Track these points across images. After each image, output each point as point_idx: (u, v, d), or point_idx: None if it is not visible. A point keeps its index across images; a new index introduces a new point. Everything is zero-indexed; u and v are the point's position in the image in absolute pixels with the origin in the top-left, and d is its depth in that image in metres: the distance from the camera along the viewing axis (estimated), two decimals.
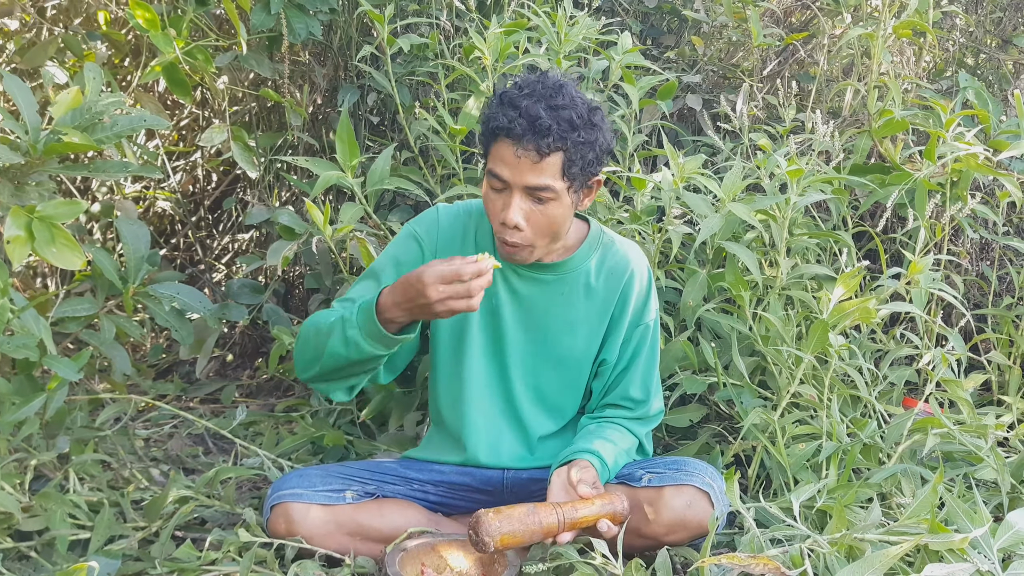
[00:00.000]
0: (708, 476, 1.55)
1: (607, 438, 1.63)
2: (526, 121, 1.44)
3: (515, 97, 1.47)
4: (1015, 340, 2.24)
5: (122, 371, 1.97)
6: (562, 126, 1.45)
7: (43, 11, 2.69)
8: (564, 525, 1.43)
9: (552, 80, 1.50)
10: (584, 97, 1.52)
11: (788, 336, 1.84)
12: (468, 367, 1.69)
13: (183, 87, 2.24)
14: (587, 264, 1.67)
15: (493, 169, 1.50)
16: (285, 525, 1.57)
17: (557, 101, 1.46)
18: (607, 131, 1.54)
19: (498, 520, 1.40)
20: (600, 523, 1.45)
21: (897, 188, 2.13)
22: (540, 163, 1.46)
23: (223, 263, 3.08)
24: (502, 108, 1.47)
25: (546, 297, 1.67)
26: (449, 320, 1.68)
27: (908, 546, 1.17)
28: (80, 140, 1.66)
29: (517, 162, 1.46)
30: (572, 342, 1.69)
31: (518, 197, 1.49)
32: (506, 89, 1.51)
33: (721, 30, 2.92)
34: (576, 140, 1.46)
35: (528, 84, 1.49)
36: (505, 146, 1.47)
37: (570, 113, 1.46)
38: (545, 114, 1.44)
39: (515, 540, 1.41)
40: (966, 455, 1.82)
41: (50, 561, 1.54)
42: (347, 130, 2.06)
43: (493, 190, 1.52)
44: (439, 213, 1.70)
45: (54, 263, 1.56)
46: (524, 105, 1.45)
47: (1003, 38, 3.02)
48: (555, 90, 1.48)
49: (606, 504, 1.47)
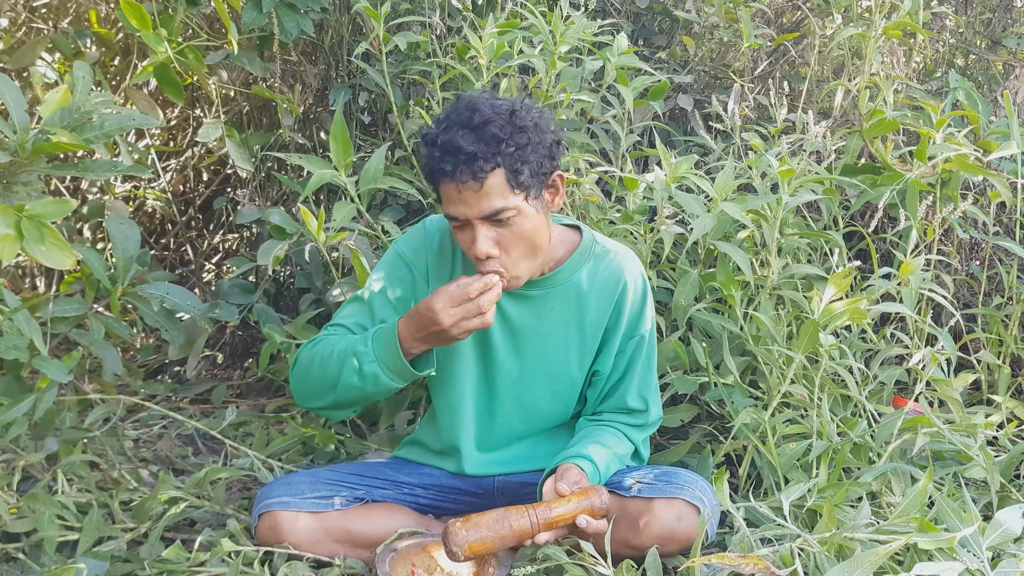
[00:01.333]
0: (698, 489, 1.53)
1: (602, 442, 1.61)
2: (452, 155, 1.40)
3: (435, 136, 1.44)
4: (1004, 340, 2.24)
5: (112, 371, 1.96)
6: (489, 145, 1.40)
7: (33, 10, 2.68)
8: (538, 526, 1.42)
9: (465, 102, 1.46)
10: (501, 103, 1.46)
11: (779, 336, 1.84)
12: (458, 387, 1.66)
13: (174, 87, 2.23)
14: (578, 276, 1.63)
15: (448, 211, 1.47)
16: (273, 534, 1.56)
17: (473, 121, 1.42)
18: (542, 125, 1.48)
19: (465, 529, 1.40)
20: (579, 519, 1.43)
21: (888, 188, 2.14)
22: (483, 188, 1.41)
23: (213, 263, 3.07)
24: (428, 152, 1.45)
25: (535, 313, 1.63)
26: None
27: (898, 545, 1.18)
28: (69, 140, 1.65)
29: (461, 196, 1.43)
30: (564, 358, 1.66)
31: (480, 228, 1.45)
32: (426, 130, 1.48)
33: (712, 30, 2.92)
34: (507, 151, 1.41)
35: (445, 117, 1.46)
36: (447, 186, 1.44)
37: (490, 128, 1.41)
38: (465, 141, 1.40)
39: (485, 547, 1.41)
40: (956, 454, 1.83)
41: (38, 563, 1.53)
42: (341, 128, 2.04)
43: (455, 228, 1.50)
44: (426, 229, 1.67)
45: (44, 262, 1.55)
46: (442, 140, 1.42)
47: (992, 39, 3.04)
48: (469, 111, 1.43)
49: (583, 500, 1.45)
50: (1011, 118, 2.21)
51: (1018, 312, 2.25)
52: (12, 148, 1.65)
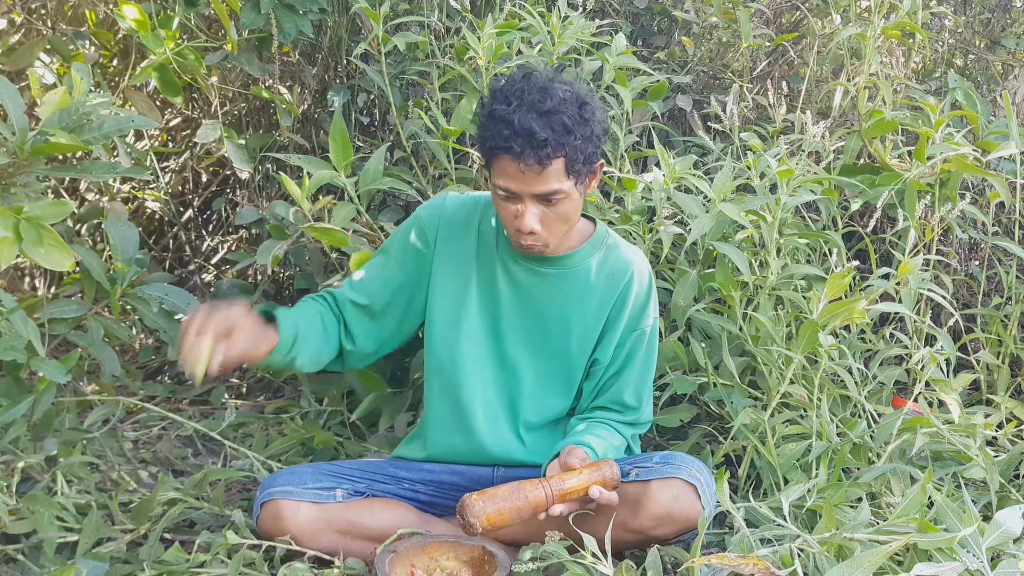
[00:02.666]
0: (695, 469, 1.56)
1: (596, 434, 1.64)
2: (522, 138, 1.44)
3: (505, 113, 1.47)
4: (1004, 340, 2.24)
5: (111, 373, 1.96)
6: (558, 133, 1.46)
7: (31, 11, 2.68)
8: (553, 498, 1.44)
9: (537, 83, 1.50)
10: (572, 91, 1.52)
11: (778, 336, 1.84)
12: (464, 349, 1.69)
13: (173, 87, 2.23)
14: (588, 262, 1.69)
15: (499, 183, 1.52)
16: (275, 523, 1.57)
17: (547, 106, 1.46)
18: (600, 118, 1.54)
19: (482, 501, 1.41)
20: (592, 489, 1.46)
21: (887, 188, 2.14)
22: (544, 172, 1.47)
23: (212, 264, 3.07)
24: (495, 127, 1.48)
25: (544, 290, 1.69)
26: (448, 302, 1.70)
27: (897, 545, 1.18)
28: (68, 141, 1.65)
29: (522, 175, 1.48)
30: (566, 338, 1.70)
31: (530, 204, 1.52)
32: (494, 105, 1.51)
33: (711, 31, 2.92)
34: (573, 143, 1.48)
35: (515, 93, 1.49)
36: (507, 162, 1.48)
37: (562, 117, 1.46)
38: (538, 126, 1.44)
39: (502, 518, 1.42)
40: (955, 454, 1.83)
41: (38, 564, 1.53)
42: (340, 129, 2.04)
43: (502, 199, 1.54)
44: (446, 200, 1.74)
45: (42, 264, 1.55)
46: (516, 120, 1.45)
47: (992, 39, 3.04)
48: (542, 95, 1.48)
49: (594, 472, 1.48)
50: (1010, 118, 2.21)
51: (1017, 312, 2.25)
52: (11, 149, 1.65)
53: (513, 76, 1.54)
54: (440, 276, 1.70)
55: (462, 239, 1.70)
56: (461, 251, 1.70)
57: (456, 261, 1.70)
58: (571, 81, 1.55)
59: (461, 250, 1.70)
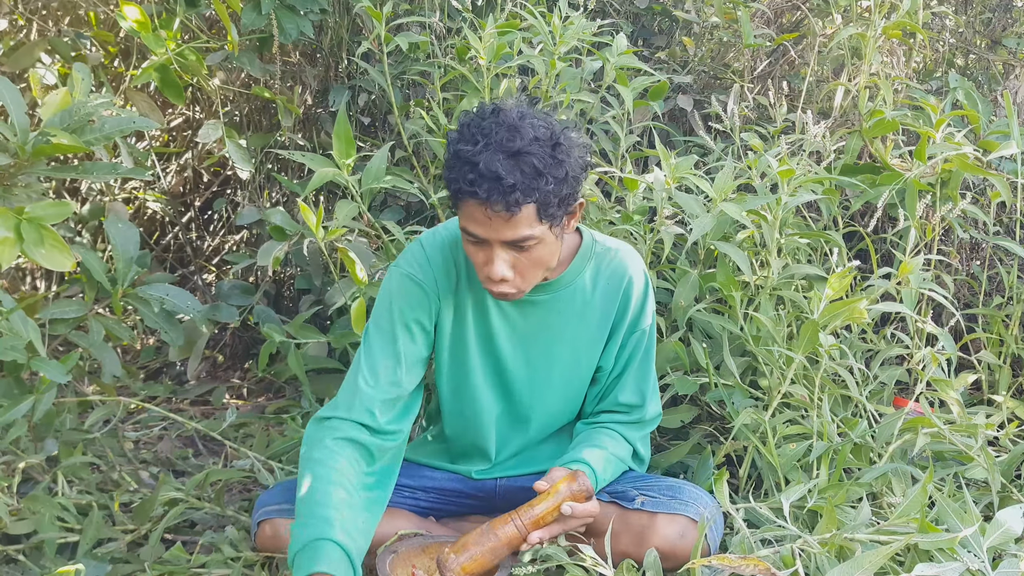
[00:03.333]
0: (702, 506, 1.53)
1: (598, 444, 1.61)
2: (488, 182, 1.33)
3: (471, 154, 1.35)
4: (1005, 339, 2.24)
5: (111, 373, 1.96)
6: (527, 176, 1.34)
7: (33, 11, 2.68)
8: (525, 528, 1.42)
9: (507, 120, 1.37)
10: (546, 128, 1.40)
11: (779, 336, 1.84)
12: (472, 399, 1.65)
13: (175, 88, 2.23)
14: (582, 278, 1.62)
15: (466, 227, 1.41)
16: (274, 541, 1.55)
17: (516, 146, 1.35)
18: (577, 156, 1.42)
19: (455, 553, 1.40)
20: (563, 507, 1.43)
21: (887, 188, 2.13)
22: (513, 218, 1.36)
23: (213, 264, 3.07)
24: (460, 168, 1.36)
25: (542, 319, 1.61)
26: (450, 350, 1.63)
27: (898, 546, 1.17)
28: (69, 141, 1.65)
29: (489, 222, 1.37)
30: (574, 359, 1.65)
31: (500, 250, 1.41)
32: (460, 144, 1.38)
33: (712, 31, 2.92)
34: (545, 187, 1.36)
35: (482, 132, 1.37)
36: (473, 207, 1.37)
37: (532, 160, 1.34)
38: (505, 170, 1.33)
39: (477, 564, 1.41)
40: (956, 454, 1.82)
41: (38, 564, 1.53)
42: (344, 126, 2.02)
43: (470, 243, 1.44)
44: (425, 250, 1.60)
45: (43, 264, 1.55)
46: (482, 163, 1.33)
47: (992, 39, 3.04)
48: (511, 133, 1.35)
49: (560, 490, 1.45)
50: (1011, 118, 2.21)
51: (1018, 312, 2.25)
52: (12, 150, 1.65)
53: (482, 111, 1.41)
54: (443, 327, 1.61)
55: (454, 283, 1.60)
56: (457, 296, 1.60)
57: (454, 309, 1.60)
58: (546, 116, 1.43)
59: (457, 295, 1.60)
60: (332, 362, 2.26)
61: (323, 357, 2.24)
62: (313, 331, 2.19)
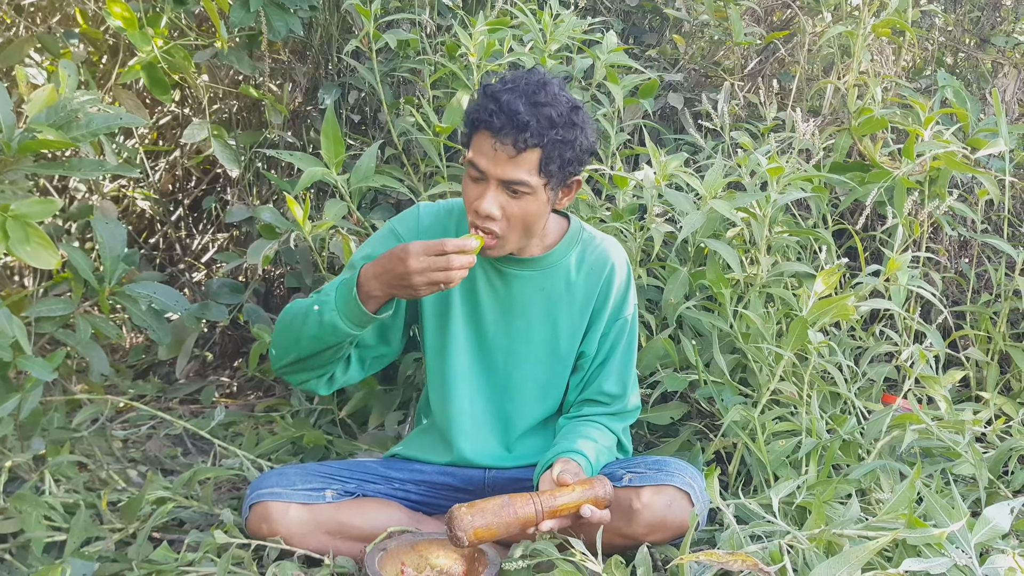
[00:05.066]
0: (688, 476, 1.55)
1: (587, 436, 1.63)
2: (505, 115, 1.45)
3: (497, 91, 1.48)
4: (993, 337, 2.25)
5: (99, 371, 1.95)
6: (541, 123, 1.45)
7: (20, 8, 2.66)
8: (543, 514, 1.42)
9: (537, 77, 1.51)
10: (568, 96, 1.52)
11: (768, 333, 1.84)
12: (452, 364, 1.69)
13: (162, 86, 2.22)
14: (567, 259, 1.68)
15: (472, 159, 1.51)
16: (264, 524, 1.56)
17: (538, 98, 1.47)
18: (589, 132, 1.54)
19: (471, 514, 1.39)
20: (583, 508, 1.44)
21: (876, 186, 2.14)
22: (517, 157, 1.47)
23: (203, 262, 3.06)
24: (484, 101, 1.49)
25: (526, 293, 1.68)
26: (433, 317, 1.69)
27: (886, 541, 1.18)
28: (55, 138, 1.64)
29: (494, 154, 1.47)
30: (554, 338, 1.69)
31: (494, 188, 1.50)
32: (490, 83, 1.52)
33: (703, 29, 2.92)
34: (554, 138, 1.46)
35: (512, 79, 1.50)
36: (484, 138, 1.48)
37: (550, 111, 1.46)
38: (524, 110, 1.44)
39: (490, 533, 1.40)
40: (944, 451, 1.83)
41: (25, 564, 1.52)
42: (332, 125, 2.03)
43: (471, 179, 1.53)
44: (420, 211, 1.71)
45: (28, 262, 1.54)
46: (505, 99, 1.46)
47: (981, 37, 3.05)
48: (538, 87, 1.48)
49: (587, 490, 1.46)
50: (999, 116, 2.22)
51: (1006, 309, 2.26)
52: None
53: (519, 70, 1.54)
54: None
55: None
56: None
57: None
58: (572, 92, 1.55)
59: None
60: None
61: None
62: None
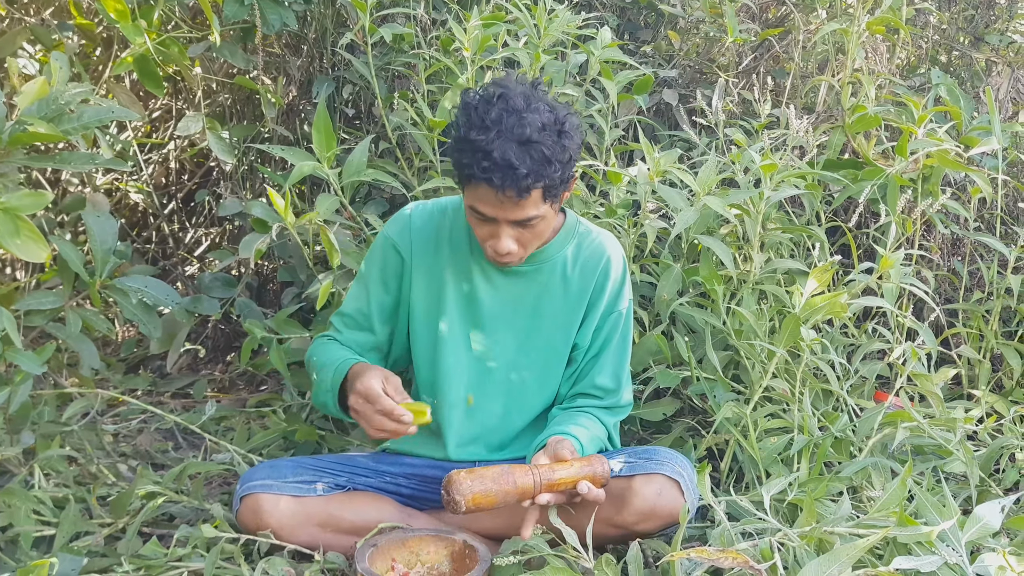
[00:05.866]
0: (678, 465, 1.56)
1: (579, 423, 1.64)
2: (502, 171, 1.42)
3: (484, 143, 1.42)
4: (985, 335, 2.26)
5: (90, 365, 1.93)
6: (537, 164, 1.43)
7: (12, 0, 2.64)
8: (541, 486, 1.42)
9: (515, 107, 1.45)
10: (548, 110, 1.47)
11: (761, 330, 1.85)
12: (446, 358, 1.69)
13: (155, 79, 2.21)
14: (563, 253, 1.69)
15: (475, 207, 1.51)
16: (255, 517, 1.56)
17: (526, 135, 1.43)
18: (576, 136, 1.52)
19: (470, 479, 1.38)
20: (580, 484, 1.44)
21: (869, 183, 2.14)
22: (522, 201, 1.47)
23: (195, 256, 3.05)
24: (473, 156, 1.43)
25: (523, 288, 1.69)
26: (425, 312, 1.70)
27: (876, 539, 1.18)
28: (46, 130, 1.63)
29: (500, 204, 1.48)
30: (551, 332, 1.70)
31: (506, 228, 1.52)
32: (471, 131, 1.44)
33: (697, 25, 2.92)
34: (553, 173, 1.46)
35: (493, 121, 1.43)
36: (484, 190, 1.47)
37: (541, 148, 1.43)
38: (518, 159, 1.41)
39: (488, 500, 1.39)
40: (936, 449, 1.84)
41: (13, 558, 1.52)
42: (324, 119, 2.03)
43: (477, 219, 1.54)
44: (411, 214, 1.72)
45: (18, 255, 1.53)
46: (496, 152, 1.41)
47: (975, 35, 3.05)
48: (520, 120, 1.43)
49: (585, 466, 1.46)
50: (992, 114, 2.22)
51: (998, 307, 2.26)
52: None
53: (488, 95, 1.48)
54: (418, 291, 1.70)
55: (434, 250, 1.69)
56: (435, 262, 1.69)
57: (431, 273, 1.69)
58: (547, 99, 1.51)
59: (435, 261, 1.69)
60: None
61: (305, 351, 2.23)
62: (296, 326, 2.17)
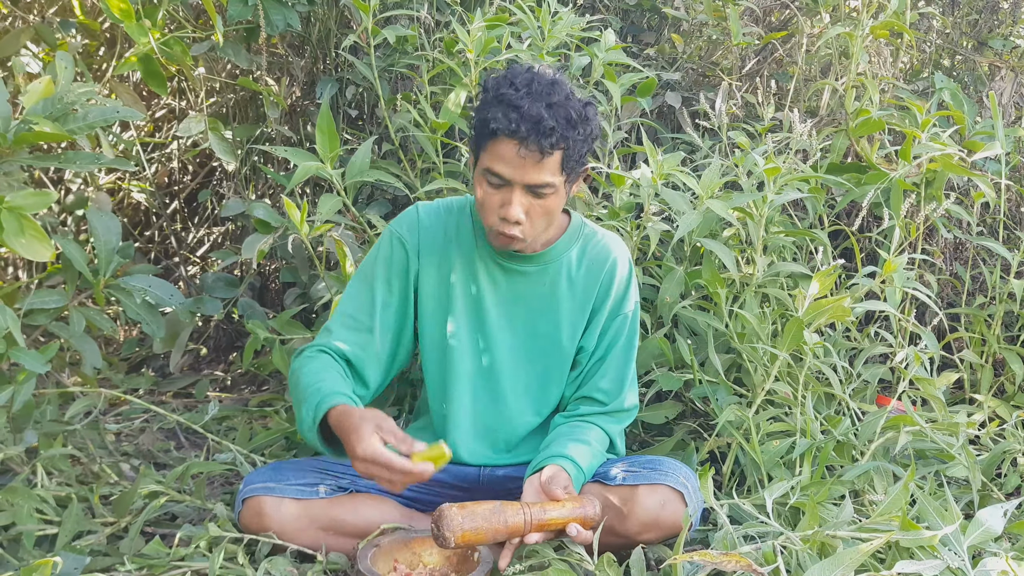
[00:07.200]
0: (682, 475, 1.55)
1: (580, 439, 1.62)
2: (529, 123, 1.45)
3: (514, 97, 1.47)
4: (987, 339, 2.26)
5: (92, 364, 1.93)
6: (562, 125, 1.47)
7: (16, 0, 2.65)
8: (531, 525, 1.41)
9: (545, 77, 1.51)
10: (575, 91, 1.54)
11: (764, 334, 1.85)
12: (453, 361, 1.68)
13: (158, 78, 2.21)
14: (568, 254, 1.69)
15: (492, 167, 1.50)
16: (257, 519, 1.55)
17: (554, 99, 1.48)
18: (596, 122, 1.56)
19: (461, 516, 1.38)
20: (569, 527, 1.43)
21: (873, 187, 2.14)
22: (542, 161, 1.48)
23: (198, 256, 3.05)
24: (502, 109, 1.47)
25: (528, 288, 1.68)
26: (433, 313, 1.69)
27: (879, 543, 1.18)
28: (51, 130, 1.63)
29: (520, 162, 1.48)
30: (556, 333, 1.69)
31: (519, 193, 1.51)
32: (501, 88, 1.50)
33: (701, 28, 2.92)
34: (575, 137, 1.49)
35: (523, 82, 1.49)
36: (506, 146, 1.48)
37: (568, 111, 1.48)
38: (547, 114, 1.45)
39: (477, 537, 1.39)
40: (938, 453, 1.84)
41: (16, 557, 1.52)
42: (327, 120, 2.03)
43: (491, 186, 1.53)
44: (419, 212, 1.71)
45: (22, 254, 1.53)
46: (525, 106, 1.45)
47: (979, 40, 3.05)
48: (551, 87, 1.49)
49: (576, 508, 1.45)
50: (996, 119, 2.22)
51: (1001, 312, 2.26)
52: None
53: (517, 67, 1.54)
54: (426, 290, 1.68)
55: (441, 248, 1.68)
56: (442, 261, 1.68)
57: (439, 272, 1.68)
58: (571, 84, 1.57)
59: (442, 260, 1.68)
60: None
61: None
62: (299, 327, 2.17)
